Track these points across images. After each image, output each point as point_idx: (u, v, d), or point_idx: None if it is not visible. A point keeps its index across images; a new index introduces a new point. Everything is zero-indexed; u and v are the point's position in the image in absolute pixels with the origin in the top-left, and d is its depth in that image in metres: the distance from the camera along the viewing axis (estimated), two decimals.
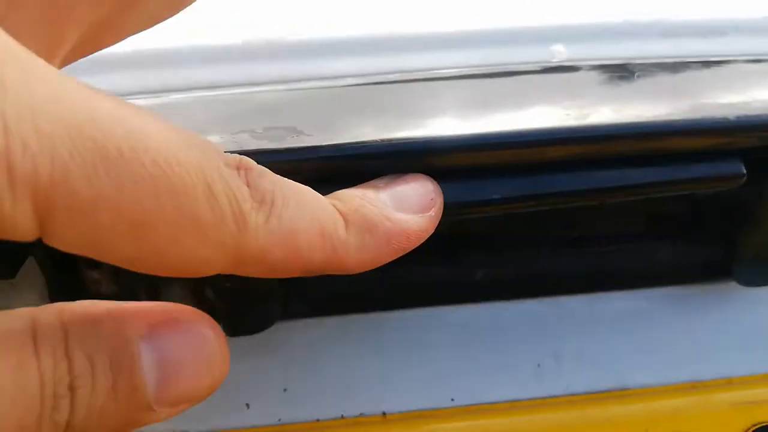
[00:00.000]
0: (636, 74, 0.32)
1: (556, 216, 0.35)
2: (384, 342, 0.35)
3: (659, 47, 0.36)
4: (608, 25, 0.36)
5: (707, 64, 0.35)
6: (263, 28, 0.35)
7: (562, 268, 0.36)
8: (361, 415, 0.33)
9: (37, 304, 0.17)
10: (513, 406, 0.33)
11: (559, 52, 0.34)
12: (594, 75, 0.33)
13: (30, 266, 0.33)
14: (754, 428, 0.32)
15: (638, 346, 0.35)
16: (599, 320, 0.36)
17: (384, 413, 0.33)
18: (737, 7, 0.39)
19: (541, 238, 0.36)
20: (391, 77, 0.32)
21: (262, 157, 0.26)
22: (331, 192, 0.28)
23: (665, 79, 0.32)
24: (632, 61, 0.34)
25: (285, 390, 0.34)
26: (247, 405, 0.33)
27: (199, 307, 0.34)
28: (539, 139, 0.28)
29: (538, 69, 0.34)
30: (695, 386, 0.34)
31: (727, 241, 0.35)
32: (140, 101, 0.32)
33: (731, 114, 0.29)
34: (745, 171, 0.30)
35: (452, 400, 0.33)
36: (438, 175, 0.28)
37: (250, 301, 0.32)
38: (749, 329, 0.36)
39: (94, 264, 0.32)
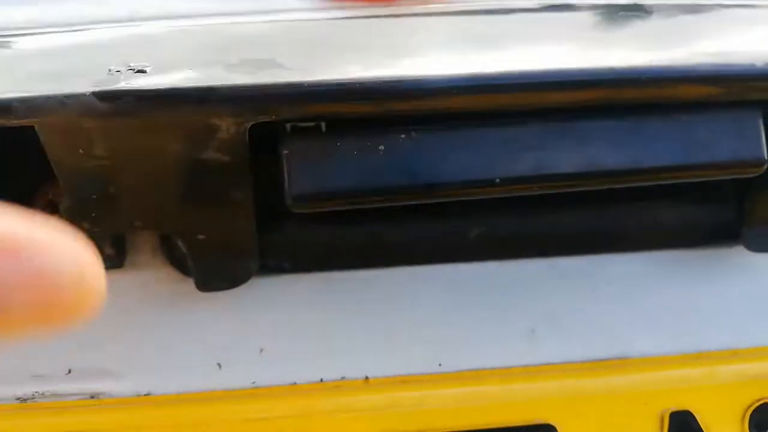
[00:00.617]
0: (652, 14, 0.29)
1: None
2: (369, 301, 0.32)
3: None
4: None
5: (729, 6, 0.32)
6: None
7: (560, 227, 0.34)
8: (343, 378, 0.30)
9: None
10: (505, 373, 0.31)
11: None
12: (600, 14, 0.30)
13: None
14: (759, 403, 0.30)
15: (640, 313, 0.33)
16: (598, 283, 0.34)
17: (367, 377, 0.31)
18: None
19: (542, 196, 0.33)
20: (381, 12, 0.29)
21: (236, 91, 0.24)
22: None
23: (683, 20, 0.29)
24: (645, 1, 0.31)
25: (261, 351, 0.31)
26: (219, 365, 0.31)
27: (170, 260, 0.31)
28: (545, 81, 0.25)
29: (537, 7, 0.31)
30: (699, 357, 0.32)
31: (736, 203, 0.33)
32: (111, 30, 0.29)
33: (759, 61, 0.26)
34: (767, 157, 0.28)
35: (440, 365, 0.31)
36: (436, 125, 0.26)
37: (224, 254, 0.29)
38: (757, 297, 0.34)
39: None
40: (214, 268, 0.29)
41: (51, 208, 0.29)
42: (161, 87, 0.23)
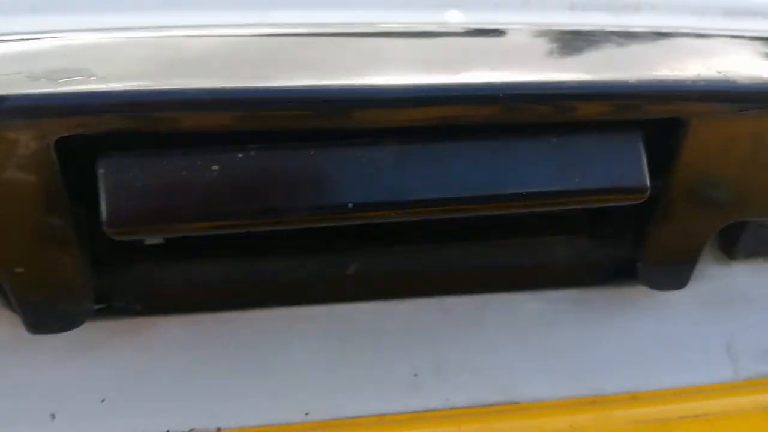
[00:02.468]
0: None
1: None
2: (226, 346, 0.29)
3: (566, 20, 0.32)
4: None
5: (624, 34, 0.30)
6: None
7: (446, 263, 0.31)
8: (192, 431, 0.27)
9: None
10: (381, 420, 0.28)
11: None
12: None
13: None
14: None
15: (533, 355, 0.30)
16: (489, 325, 0.31)
17: (219, 429, 0.27)
18: None
19: (425, 228, 0.31)
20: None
21: None
22: None
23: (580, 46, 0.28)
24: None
25: (103, 401, 0.27)
26: (53, 416, 0.27)
27: (3, 298, 0.27)
28: (393, 96, 0.23)
29: (462, 31, 0.29)
30: (595, 401, 0.29)
31: (633, 239, 0.31)
32: None
33: (634, 78, 0.25)
34: (649, 185, 0.26)
35: (307, 414, 0.28)
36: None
37: (49, 292, 0.25)
38: (657, 338, 0.31)
39: None
40: (41, 308, 0.26)
41: None
42: None
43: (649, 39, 0.30)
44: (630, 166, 0.25)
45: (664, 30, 0.31)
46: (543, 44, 0.28)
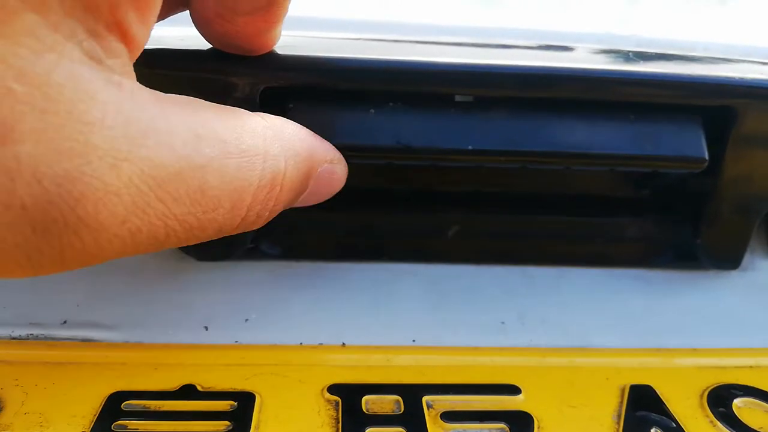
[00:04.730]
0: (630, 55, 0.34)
1: (532, 185, 0.37)
2: (347, 286, 0.35)
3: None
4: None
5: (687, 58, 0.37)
6: None
7: (531, 238, 0.37)
8: (321, 344, 0.32)
9: None
10: (475, 349, 0.33)
11: None
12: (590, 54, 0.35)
13: None
14: (717, 385, 0.31)
15: (603, 316, 0.35)
16: (564, 291, 0.36)
17: (344, 344, 0.32)
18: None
19: (515, 205, 0.37)
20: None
21: None
22: None
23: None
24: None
25: (246, 320, 0.33)
26: (206, 328, 0.33)
27: None
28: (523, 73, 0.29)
29: (534, 45, 0.36)
30: (659, 350, 0.33)
31: (693, 222, 0.36)
32: None
33: (693, 73, 0.31)
34: (707, 157, 0.31)
35: (413, 341, 0.33)
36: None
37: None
38: (714, 312, 0.36)
39: None
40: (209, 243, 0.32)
41: None
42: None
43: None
44: (692, 141, 0.31)
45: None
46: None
